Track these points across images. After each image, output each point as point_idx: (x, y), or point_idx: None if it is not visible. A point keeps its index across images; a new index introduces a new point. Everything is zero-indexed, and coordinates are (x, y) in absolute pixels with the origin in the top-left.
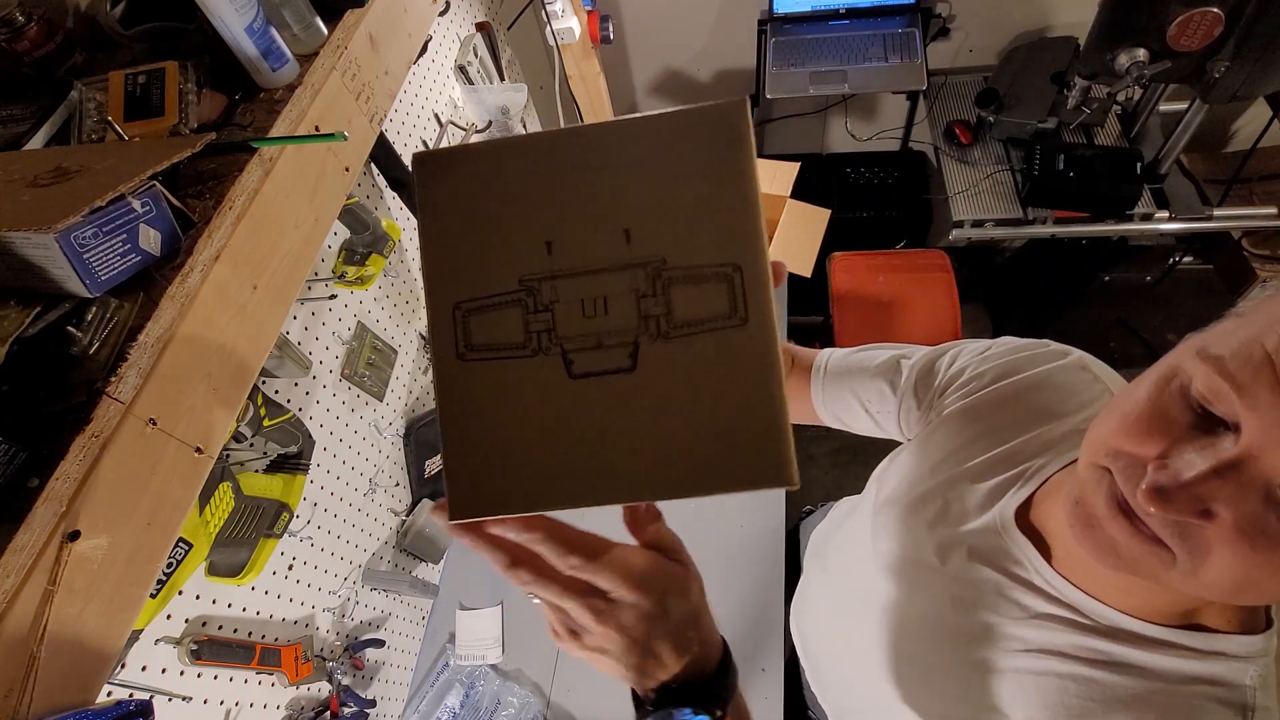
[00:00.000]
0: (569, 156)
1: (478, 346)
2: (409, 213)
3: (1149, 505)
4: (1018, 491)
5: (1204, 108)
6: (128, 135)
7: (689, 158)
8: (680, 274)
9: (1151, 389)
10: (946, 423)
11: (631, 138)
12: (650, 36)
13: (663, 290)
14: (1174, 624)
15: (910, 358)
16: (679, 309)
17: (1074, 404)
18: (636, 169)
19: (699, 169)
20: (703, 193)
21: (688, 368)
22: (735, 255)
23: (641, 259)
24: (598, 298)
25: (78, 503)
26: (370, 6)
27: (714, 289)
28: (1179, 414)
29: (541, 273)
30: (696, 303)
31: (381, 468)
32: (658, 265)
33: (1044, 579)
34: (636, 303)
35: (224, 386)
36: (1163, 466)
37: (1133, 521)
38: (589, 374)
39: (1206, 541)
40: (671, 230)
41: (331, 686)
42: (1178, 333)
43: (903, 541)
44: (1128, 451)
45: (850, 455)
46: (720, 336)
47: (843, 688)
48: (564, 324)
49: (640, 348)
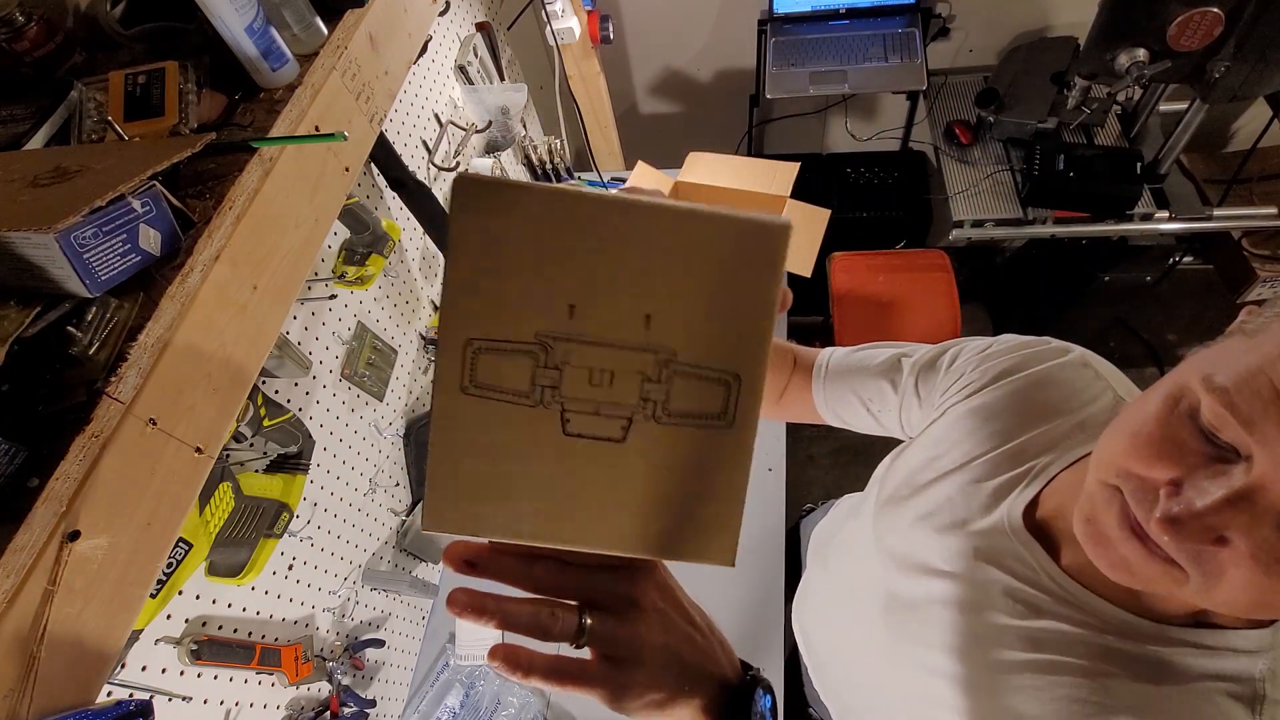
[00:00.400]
0: (612, 227)
1: (482, 384)
2: (409, 213)
3: (1163, 534)
4: (1023, 491)
5: (1204, 108)
6: (128, 135)
7: (723, 262)
8: (686, 369)
9: (1160, 409)
10: (949, 421)
11: (674, 226)
12: (650, 36)
13: (667, 379)
14: (1183, 622)
15: (911, 356)
16: (676, 399)
17: (1077, 401)
18: (671, 257)
19: (729, 275)
20: (726, 298)
21: (670, 452)
22: (739, 365)
23: (655, 345)
24: (606, 370)
25: (78, 503)
26: (370, 6)
27: (712, 390)
28: (1188, 438)
29: (560, 333)
30: (693, 398)
31: (381, 468)
32: (668, 356)
33: (1052, 578)
34: (640, 384)
35: (224, 386)
36: (1174, 494)
37: (1145, 543)
38: (582, 435)
39: (1220, 565)
40: (688, 325)
41: (331, 686)
42: (1178, 333)
43: (907, 541)
44: (1137, 474)
45: (850, 455)
46: (706, 434)
47: (847, 687)
48: (569, 386)
49: (633, 424)
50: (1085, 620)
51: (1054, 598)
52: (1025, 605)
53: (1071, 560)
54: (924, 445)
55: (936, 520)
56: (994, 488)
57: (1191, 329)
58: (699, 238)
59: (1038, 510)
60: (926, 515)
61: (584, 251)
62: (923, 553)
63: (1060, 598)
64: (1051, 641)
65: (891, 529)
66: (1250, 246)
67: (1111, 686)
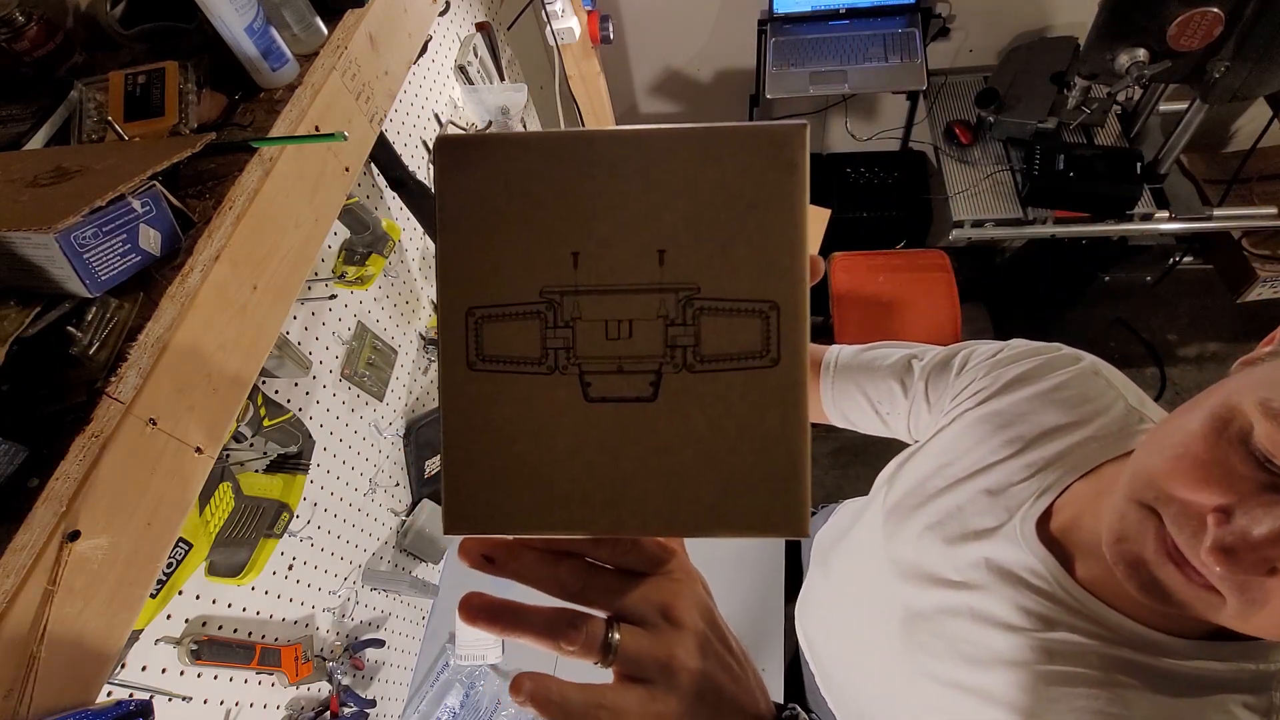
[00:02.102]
0: (604, 161)
1: (490, 357)
2: (409, 213)
3: (1215, 564)
4: (1036, 502)
5: (1204, 108)
6: (128, 135)
7: (736, 180)
8: (713, 305)
9: (1207, 429)
10: (959, 428)
11: (672, 149)
12: (650, 36)
13: (693, 319)
14: (1198, 635)
15: (922, 359)
16: (708, 341)
17: (1089, 411)
18: (676, 185)
19: (744, 193)
20: (746, 219)
21: (711, 404)
22: (773, 291)
23: (674, 283)
24: (623, 319)
25: (78, 503)
26: (370, 6)
27: (747, 324)
28: (1239, 464)
29: (565, 286)
30: (727, 337)
31: (381, 468)
32: (691, 292)
33: (1066, 590)
34: (664, 330)
35: (224, 386)
36: (1224, 521)
37: (1183, 569)
38: (606, 399)
39: (1267, 594)
40: (708, 256)
41: (331, 686)
42: (1178, 333)
43: (916, 551)
44: (1181, 498)
45: (850, 456)
46: (748, 375)
47: (855, 695)
48: (584, 344)
49: (663, 377)
50: (1099, 632)
51: (1067, 610)
52: (1038, 617)
53: (1086, 572)
54: (933, 452)
55: (946, 530)
56: (1006, 497)
57: (1191, 329)
58: (701, 157)
59: (1051, 521)
60: (936, 524)
61: (579, 194)
62: (932, 563)
63: (1074, 610)
64: (1066, 653)
65: (900, 538)
66: (1250, 246)
67: (1129, 698)
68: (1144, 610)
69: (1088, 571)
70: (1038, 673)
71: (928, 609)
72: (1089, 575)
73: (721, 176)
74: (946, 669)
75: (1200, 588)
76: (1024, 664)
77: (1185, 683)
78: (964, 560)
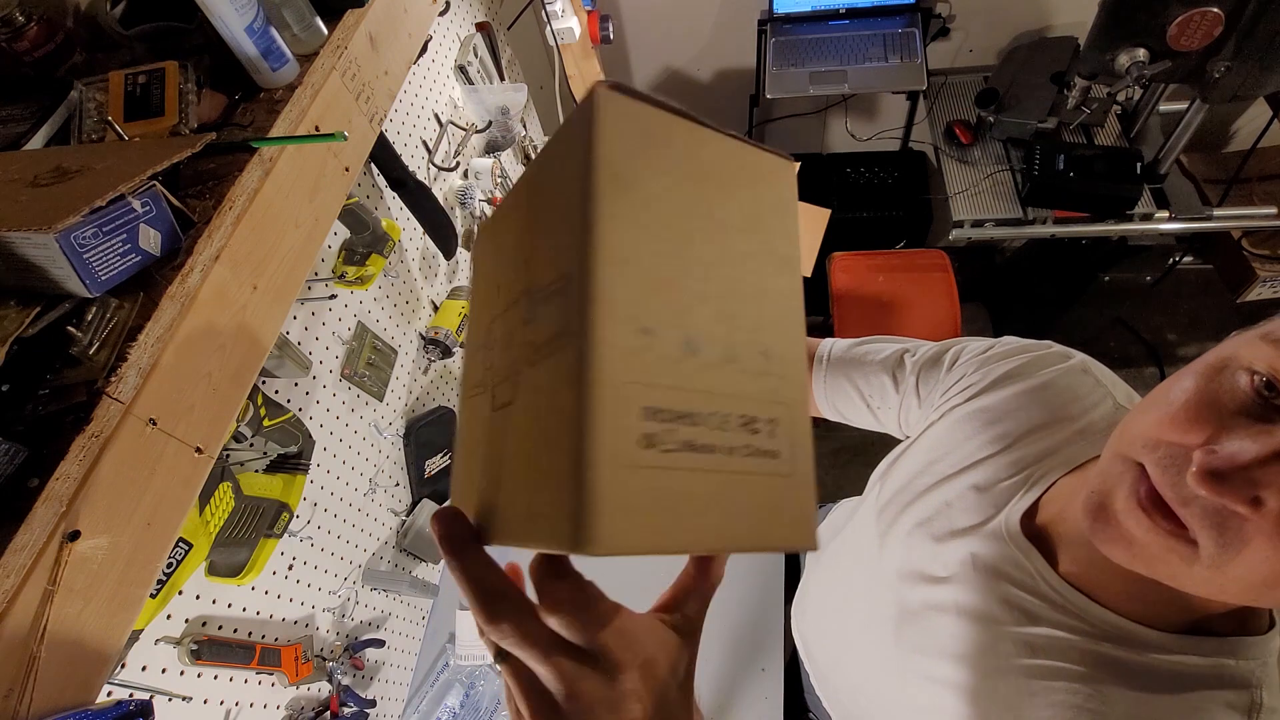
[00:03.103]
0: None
1: (469, 385)
2: (409, 213)
3: (1200, 488)
4: (1022, 498)
5: (1204, 108)
6: (128, 135)
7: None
8: (541, 295)
9: (1199, 379)
10: (949, 424)
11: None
12: (650, 36)
13: (530, 317)
14: (1181, 630)
15: (914, 353)
16: (536, 334)
17: (1077, 408)
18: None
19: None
20: (550, 202)
21: (546, 399)
22: (568, 263)
23: (527, 284)
24: (505, 330)
25: (78, 503)
26: (370, 6)
27: (560, 305)
28: (1229, 401)
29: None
30: (546, 325)
31: (381, 468)
32: (529, 287)
33: (1050, 585)
34: (518, 331)
35: (224, 386)
36: (1212, 451)
37: (1150, 515)
38: (504, 407)
39: (1245, 534)
40: (544, 251)
41: (331, 686)
42: (1178, 333)
43: (905, 547)
44: (1170, 441)
45: (850, 455)
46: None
47: (849, 693)
48: (496, 357)
49: (520, 380)
50: (1082, 627)
51: (1051, 604)
52: (1023, 612)
53: (1070, 566)
54: (923, 448)
55: (935, 527)
56: (992, 494)
57: (1191, 329)
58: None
59: (1036, 516)
60: (925, 521)
61: (519, 246)
62: (921, 560)
63: (1057, 604)
64: (1048, 648)
65: (891, 536)
66: (1250, 246)
67: (1108, 693)
68: (1127, 602)
69: (1072, 566)
70: (1018, 667)
71: (917, 606)
72: (1073, 569)
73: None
74: (936, 666)
75: (1165, 534)
76: (1004, 658)
77: (1166, 679)
78: (951, 557)
